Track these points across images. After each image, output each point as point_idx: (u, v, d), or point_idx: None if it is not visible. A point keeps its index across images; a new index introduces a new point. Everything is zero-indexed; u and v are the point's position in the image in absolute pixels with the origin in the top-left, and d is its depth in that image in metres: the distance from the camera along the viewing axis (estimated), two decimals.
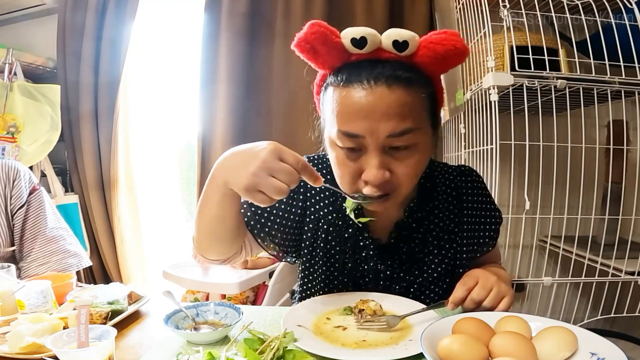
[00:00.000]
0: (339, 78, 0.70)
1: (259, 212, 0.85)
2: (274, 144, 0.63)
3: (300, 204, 0.88)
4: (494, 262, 0.99)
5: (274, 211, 0.86)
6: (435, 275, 0.86)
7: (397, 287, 0.86)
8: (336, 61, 0.71)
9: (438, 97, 0.76)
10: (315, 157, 0.93)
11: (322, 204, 0.88)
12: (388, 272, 0.86)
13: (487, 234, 0.90)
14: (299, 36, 0.70)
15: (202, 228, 0.77)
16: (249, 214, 0.85)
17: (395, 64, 0.69)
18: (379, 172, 0.68)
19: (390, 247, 0.87)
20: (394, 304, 0.83)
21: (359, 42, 0.68)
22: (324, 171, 0.89)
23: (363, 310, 0.75)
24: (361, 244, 0.87)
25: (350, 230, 0.86)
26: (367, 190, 0.72)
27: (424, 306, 0.79)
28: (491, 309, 0.73)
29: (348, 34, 0.68)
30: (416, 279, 0.86)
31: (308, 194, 0.88)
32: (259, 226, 0.85)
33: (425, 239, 0.87)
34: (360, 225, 0.83)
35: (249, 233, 0.86)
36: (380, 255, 0.86)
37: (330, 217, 0.87)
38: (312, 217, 0.88)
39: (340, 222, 0.87)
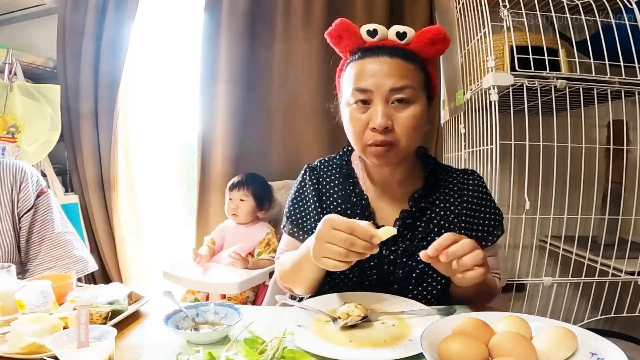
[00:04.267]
0: (355, 56, 0.90)
1: (294, 217, 1.01)
2: (328, 217, 0.75)
3: (318, 203, 0.99)
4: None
5: (304, 213, 1.01)
6: None
7: (400, 272, 0.91)
8: (354, 45, 0.91)
9: (431, 77, 0.92)
10: (325, 159, 1.06)
11: (334, 197, 0.99)
12: (392, 257, 0.92)
13: (485, 228, 0.95)
14: (330, 28, 0.92)
15: (292, 280, 0.95)
16: (289, 224, 1.02)
17: (396, 47, 0.88)
18: (383, 118, 0.84)
19: (393, 238, 0.90)
20: (395, 305, 0.83)
21: (372, 32, 0.89)
22: (334, 170, 1.02)
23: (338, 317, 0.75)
24: None
25: (358, 217, 0.94)
26: (373, 139, 0.85)
27: (424, 306, 0.81)
28: (462, 268, 0.72)
29: (364, 27, 0.90)
30: (418, 265, 0.91)
31: (324, 190, 1.00)
32: (300, 232, 1.00)
33: (427, 227, 0.94)
34: (367, 213, 0.95)
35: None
36: (385, 242, 0.90)
37: (339, 208, 0.97)
38: (327, 210, 0.98)
39: (349, 212, 0.96)
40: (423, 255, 0.74)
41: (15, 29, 2.29)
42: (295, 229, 1.01)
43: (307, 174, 1.04)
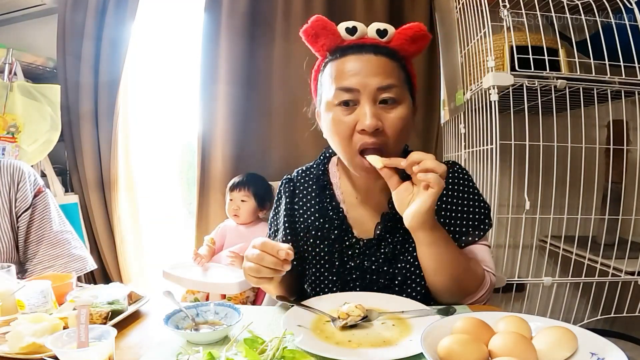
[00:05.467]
0: (335, 55, 0.86)
1: (270, 228, 1.05)
2: (255, 239, 0.76)
3: (286, 218, 0.98)
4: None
5: (278, 226, 1.02)
6: (416, 263, 0.88)
7: (382, 280, 0.91)
8: (332, 44, 0.87)
9: (412, 78, 0.89)
10: (302, 169, 1.04)
11: (309, 212, 0.97)
12: (373, 267, 0.91)
13: (471, 222, 0.92)
14: (306, 26, 0.86)
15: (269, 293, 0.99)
16: (269, 234, 1.06)
17: (377, 45, 0.85)
18: (373, 119, 0.79)
19: (375, 243, 0.92)
20: (397, 304, 0.83)
21: (351, 30, 0.86)
22: (310, 182, 1.00)
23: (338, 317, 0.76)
24: (347, 243, 0.93)
25: (336, 231, 0.93)
26: (362, 141, 0.82)
27: (424, 306, 0.80)
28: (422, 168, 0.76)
29: (343, 24, 0.87)
30: (400, 271, 0.90)
31: (296, 206, 0.99)
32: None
33: (408, 230, 0.90)
34: (344, 227, 0.94)
35: None
36: (365, 252, 0.92)
37: (317, 222, 0.95)
38: (302, 225, 0.97)
39: (327, 225, 0.94)
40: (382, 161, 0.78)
41: (15, 29, 2.29)
42: (272, 239, 1.03)
43: (284, 185, 1.02)
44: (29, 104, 1.93)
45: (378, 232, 0.92)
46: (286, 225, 0.98)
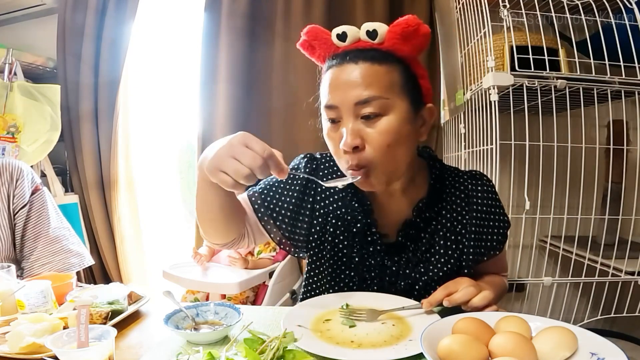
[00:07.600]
0: (326, 66, 0.82)
1: (268, 199, 0.91)
2: (245, 133, 0.70)
3: (310, 198, 0.91)
4: (498, 271, 0.99)
5: (284, 202, 0.91)
6: (440, 274, 0.87)
7: (402, 283, 0.87)
8: (327, 53, 0.82)
9: (417, 77, 0.81)
10: (328, 154, 0.94)
11: (331, 199, 0.91)
12: (394, 268, 0.88)
13: (494, 237, 0.91)
14: (301, 39, 0.83)
15: (197, 212, 0.85)
16: (258, 200, 0.92)
17: (369, 50, 0.78)
18: (349, 137, 0.75)
19: (398, 244, 0.88)
20: (392, 303, 0.83)
21: (341, 36, 0.80)
22: (331, 169, 0.92)
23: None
24: (369, 239, 0.88)
25: (358, 225, 0.88)
26: (347, 161, 0.77)
27: (416, 302, 0.80)
28: (476, 309, 0.74)
29: (333, 31, 0.81)
30: (421, 277, 0.87)
31: (319, 189, 0.91)
32: (268, 213, 0.91)
33: (432, 238, 0.88)
34: (369, 221, 0.88)
35: (255, 220, 0.92)
36: (387, 251, 0.88)
37: (339, 211, 0.89)
38: (322, 211, 0.90)
39: (349, 217, 0.89)
40: (426, 305, 0.76)
41: (15, 29, 2.29)
42: (258, 201, 0.91)
43: (305, 160, 0.94)
44: (29, 104, 1.94)
45: (400, 238, 0.88)
46: (294, 201, 0.90)
